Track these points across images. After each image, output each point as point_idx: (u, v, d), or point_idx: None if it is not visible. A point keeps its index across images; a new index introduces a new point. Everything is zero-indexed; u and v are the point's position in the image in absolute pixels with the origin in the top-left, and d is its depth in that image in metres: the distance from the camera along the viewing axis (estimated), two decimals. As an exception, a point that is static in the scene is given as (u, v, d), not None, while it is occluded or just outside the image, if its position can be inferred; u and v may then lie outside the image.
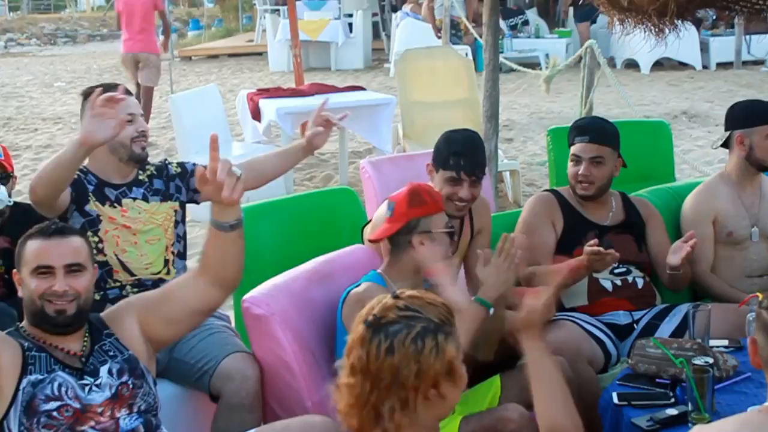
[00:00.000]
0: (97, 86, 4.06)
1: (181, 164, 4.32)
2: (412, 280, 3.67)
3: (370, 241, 3.89)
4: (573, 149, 4.47)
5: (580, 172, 4.42)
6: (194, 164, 4.23)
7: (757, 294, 3.48)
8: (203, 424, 3.74)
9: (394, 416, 2.24)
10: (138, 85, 11.51)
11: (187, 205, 4.30)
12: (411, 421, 2.26)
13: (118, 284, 4.01)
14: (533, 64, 16.42)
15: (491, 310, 3.47)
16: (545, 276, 4.27)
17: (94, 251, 3.91)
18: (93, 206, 4.01)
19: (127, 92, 4.10)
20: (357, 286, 3.66)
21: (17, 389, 2.97)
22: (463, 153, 4.15)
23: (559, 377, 2.76)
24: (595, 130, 4.47)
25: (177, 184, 4.23)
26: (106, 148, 3.98)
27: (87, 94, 4.01)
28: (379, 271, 3.75)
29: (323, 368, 3.73)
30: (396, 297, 2.31)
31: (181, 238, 4.23)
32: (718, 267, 4.67)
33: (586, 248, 4.10)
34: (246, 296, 3.75)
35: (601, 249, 4.07)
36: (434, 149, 4.24)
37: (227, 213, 3.04)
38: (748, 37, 17.55)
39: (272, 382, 3.73)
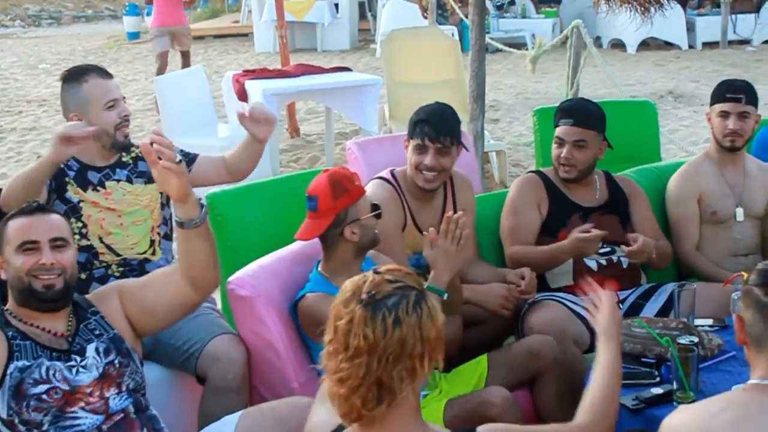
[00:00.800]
0: (77, 67, 4.06)
1: None
2: (350, 269, 3.65)
3: (298, 239, 3.81)
4: (557, 131, 4.46)
5: (562, 155, 4.42)
6: (181, 150, 4.22)
7: (742, 273, 3.50)
8: (190, 406, 3.74)
9: (403, 387, 2.25)
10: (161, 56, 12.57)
11: None
12: (414, 390, 2.28)
13: (104, 264, 4.01)
14: (519, 45, 16.41)
15: (445, 296, 3.43)
16: (530, 257, 4.31)
17: (78, 236, 3.91)
18: (73, 193, 3.99)
19: (107, 74, 4.09)
20: (303, 295, 3.66)
21: (4, 374, 2.97)
22: (428, 120, 4.19)
23: (619, 382, 2.81)
24: (580, 112, 4.46)
25: None
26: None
27: (65, 78, 4.01)
28: (319, 270, 3.74)
29: (309, 349, 3.74)
30: (378, 273, 2.33)
31: (168, 220, 4.22)
32: (703, 246, 4.69)
33: (575, 234, 4.12)
34: (231, 278, 3.75)
35: (588, 235, 4.10)
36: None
37: (183, 209, 3.06)
38: (734, 16, 17.55)
39: (258, 363, 3.73)
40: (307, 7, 18.25)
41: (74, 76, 4.07)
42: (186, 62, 12.88)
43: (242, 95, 9.04)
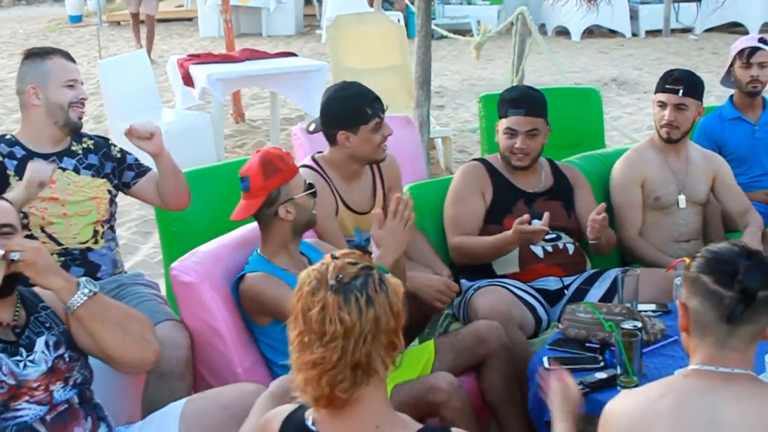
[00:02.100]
0: (44, 47, 4.06)
1: (122, 151, 4.20)
2: (288, 250, 3.68)
3: (233, 220, 3.78)
4: (507, 122, 4.46)
5: (516, 146, 4.43)
6: (136, 159, 4.18)
7: (684, 259, 3.53)
8: (133, 393, 3.70)
9: (383, 364, 2.29)
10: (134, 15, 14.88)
11: None
12: (380, 381, 2.32)
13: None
14: (465, 31, 16.44)
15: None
16: (475, 249, 4.33)
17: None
18: (16, 186, 3.92)
19: (71, 59, 4.06)
20: (242, 276, 3.64)
21: None
22: (377, 98, 4.23)
23: None
24: (528, 102, 4.48)
25: (114, 166, 4.15)
26: (44, 110, 3.95)
27: (29, 54, 4.00)
28: (259, 252, 3.72)
29: (253, 334, 3.72)
30: (336, 258, 2.34)
31: (114, 216, 4.17)
32: (646, 232, 4.73)
33: (517, 227, 4.13)
34: (174, 264, 3.73)
35: (528, 228, 4.11)
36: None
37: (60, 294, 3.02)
38: (676, 5, 17.71)
39: (202, 349, 3.71)
40: (253, -8, 18.12)
41: (39, 52, 4.05)
42: (150, 26, 14.85)
43: (187, 79, 8.98)
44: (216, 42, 16.35)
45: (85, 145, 4.10)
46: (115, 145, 4.20)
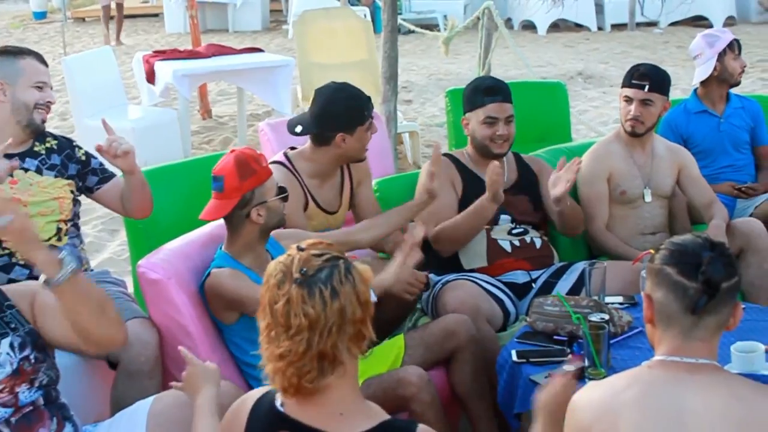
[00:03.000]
0: (18, 46, 4.04)
1: (87, 154, 4.17)
2: (255, 250, 3.67)
3: (202, 219, 3.74)
4: (486, 111, 4.46)
5: (498, 132, 4.46)
6: (100, 163, 4.14)
7: (650, 251, 3.55)
8: (102, 392, 3.69)
9: (351, 354, 2.33)
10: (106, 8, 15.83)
11: None
12: (345, 371, 2.35)
13: (7, 252, 3.90)
14: (432, 26, 16.46)
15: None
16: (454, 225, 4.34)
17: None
18: None
19: (44, 62, 4.03)
20: (209, 273, 3.62)
21: None
22: (368, 97, 4.32)
23: None
24: (502, 89, 4.52)
25: (78, 168, 4.12)
26: (9, 107, 3.93)
27: (3, 51, 3.98)
28: (224, 249, 3.70)
29: (221, 332, 3.72)
30: (302, 249, 2.37)
31: (77, 216, 4.14)
32: (613, 225, 4.75)
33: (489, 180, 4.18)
34: (141, 261, 3.71)
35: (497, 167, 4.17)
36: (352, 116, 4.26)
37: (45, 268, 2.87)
38: (641, -1, 17.85)
39: (171, 346, 3.69)
40: (219, -12, 18.06)
41: (14, 51, 4.04)
42: (120, 15, 16.16)
43: (152, 76, 8.94)
44: (182, 38, 16.29)
45: (48, 145, 4.07)
46: (80, 147, 4.16)
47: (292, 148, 4.41)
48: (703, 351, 2.40)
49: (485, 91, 4.50)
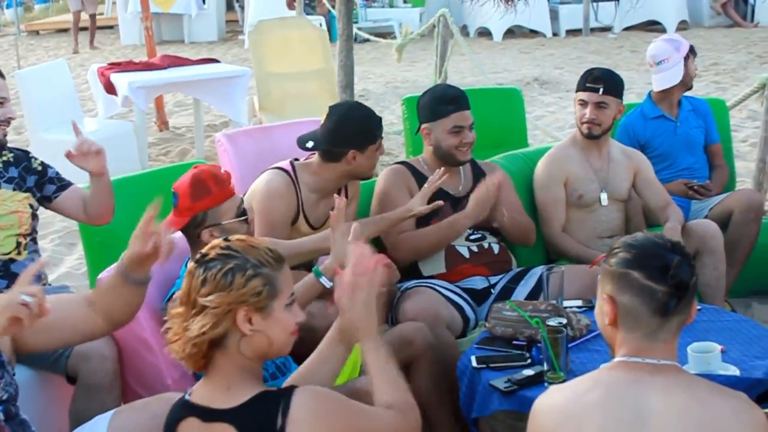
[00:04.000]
0: None
1: (43, 164, 4.14)
2: None
3: None
4: (452, 120, 4.47)
5: (466, 140, 4.49)
6: (57, 172, 4.12)
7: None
8: (60, 407, 3.66)
9: (206, 342, 2.48)
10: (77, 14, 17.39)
11: None
12: (226, 351, 2.50)
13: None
14: (387, 34, 16.50)
15: (330, 286, 3.41)
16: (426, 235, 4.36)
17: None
18: None
19: (1, 75, 4.00)
20: (174, 292, 3.58)
21: None
22: (380, 118, 4.35)
23: (391, 372, 2.76)
24: (464, 98, 4.55)
25: (35, 179, 4.09)
26: None
27: None
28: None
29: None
30: (225, 239, 2.57)
31: (35, 230, 4.11)
32: (570, 229, 4.79)
33: (472, 196, 4.28)
34: (102, 275, 3.68)
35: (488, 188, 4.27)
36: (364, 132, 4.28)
37: (141, 272, 2.98)
38: (595, 4, 17.99)
39: (131, 360, 3.68)
40: (173, -1, 18.00)
41: None
42: (93, 25, 17.93)
43: (110, 88, 8.89)
44: (138, 50, 16.22)
45: (5, 158, 4.05)
46: (35, 158, 4.15)
47: (296, 159, 4.39)
48: (665, 352, 2.42)
49: (450, 100, 4.52)
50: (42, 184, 4.09)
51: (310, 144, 4.33)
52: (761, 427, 2.34)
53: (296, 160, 4.38)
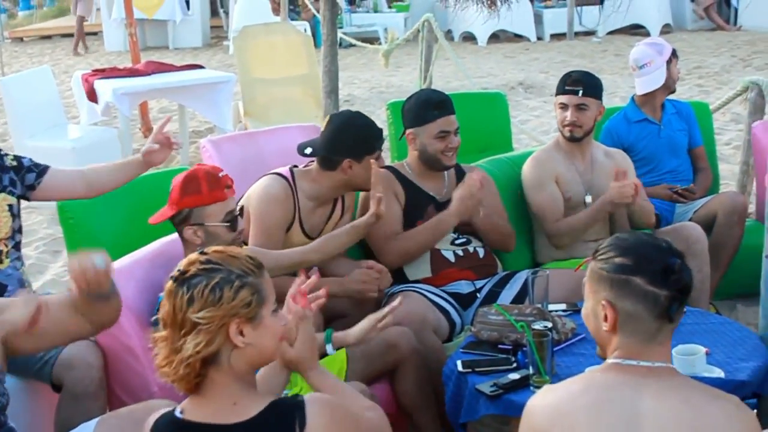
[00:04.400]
0: None
1: (17, 158, 4.12)
2: None
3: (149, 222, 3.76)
4: (439, 125, 4.46)
5: (451, 145, 4.49)
6: (30, 160, 4.09)
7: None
8: (46, 415, 3.65)
9: (199, 361, 2.39)
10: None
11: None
12: (220, 367, 2.42)
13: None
14: (373, 39, 16.51)
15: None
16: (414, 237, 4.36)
17: None
18: None
19: None
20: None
21: None
22: (381, 130, 4.30)
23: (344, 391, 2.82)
24: (450, 102, 4.55)
25: (11, 177, 4.05)
26: None
27: None
28: None
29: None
30: (202, 253, 2.48)
31: (18, 232, 4.07)
32: (557, 232, 4.79)
33: (455, 194, 4.30)
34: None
35: (472, 186, 4.28)
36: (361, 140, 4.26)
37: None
38: (579, 8, 18.04)
39: (117, 368, 3.67)
40: (158, 5, 17.96)
41: None
42: (79, 25, 18.37)
43: (92, 95, 8.87)
44: (122, 56, 16.19)
45: None
46: (7, 154, 4.08)
47: (296, 166, 4.38)
48: (661, 354, 2.42)
49: (435, 105, 4.52)
50: (22, 177, 4.04)
51: (308, 150, 4.32)
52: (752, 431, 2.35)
53: (295, 166, 4.37)
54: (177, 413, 2.45)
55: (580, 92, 4.74)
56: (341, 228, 4.19)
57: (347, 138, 4.22)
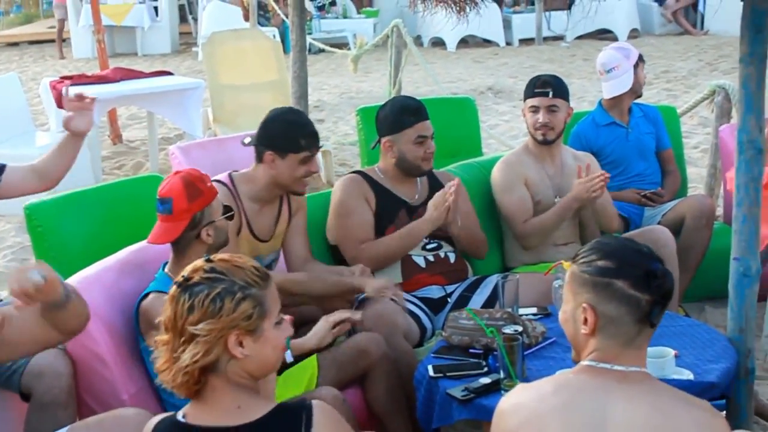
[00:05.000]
0: None
1: None
2: None
3: (152, 243, 3.72)
4: (417, 130, 4.47)
5: (429, 150, 4.51)
6: None
7: (561, 262, 3.60)
8: (15, 424, 3.62)
9: (197, 369, 2.37)
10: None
11: None
12: (219, 374, 2.40)
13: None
14: (342, 44, 16.51)
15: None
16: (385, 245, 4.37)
17: None
18: None
19: None
20: (146, 294, 3.59)
21: None
22: (315, 134, 4.27)
23: None
24: (425, 108, 4.57)
25: None
26: None
27: None
28: (166, 270, 3.67)
29: (137, 360, 3.67)
30: (208, 260, 2.45)
31: None
32: (526, 236, 4.80)
33: (432, 202, 4.31)
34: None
35: (447, 191, 4.30)
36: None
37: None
38: (548, 13, 18.11)
39: (86, 376, 3.64)
40: (126, 11, 17.87)
41: None
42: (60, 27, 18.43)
43: (60, 102, 8.81)
44: (90, 63, 16.10)
45: None
46: None
47: (236, 171, 4.37)
48: (636, 359, 2.43)
49: (413, 111, 4.53)
50: None
51: (246, 140, 4.36)
52: None
53: (236, 171, 4.37)
54: (179, 417, 2.43)
55: (551, 93, 4.77)
56: (335, 278, 4.25)
57: (272, 129, 4.22)
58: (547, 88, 4.78)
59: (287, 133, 4.18)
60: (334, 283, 4.22)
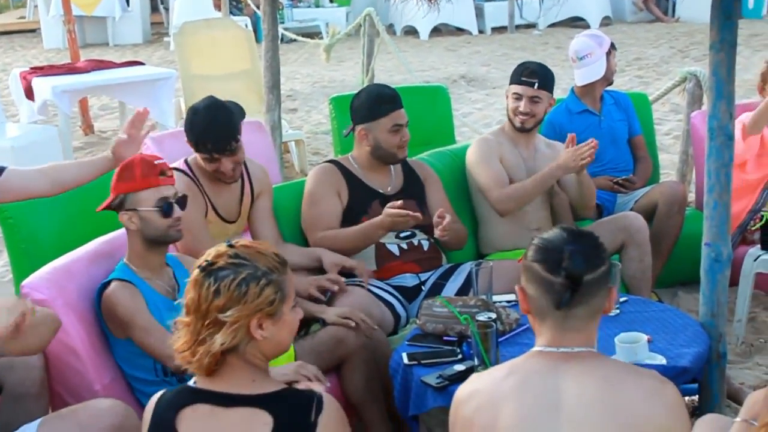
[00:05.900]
0: None
1: None
2: (149, 264, 3.68)
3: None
4: (392, 119, 4.48)
5: (404, 138, 4.52)
6: None
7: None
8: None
9: (222, 350, 2.45)
10: None
11: None
12: (239, 354, 2.48)
13: None
14: (314, 34, 16.47)
15: None
16: (340, 239, 4.36)
17: None
18: None
19: None
20: (107, 282, 3.59)
21: None
22: (218, 139, 4.21)
23: None
24: (399, 97, 4.58)
25: None
26: None
27: None
28: (125, 260, 3.68)
29: (109, 350, 3.66)
30: (230, 246, 2.52)
31: None
32: (498, 219, 4.80)
33: (388, 210, 4.20)
34: (25, 282, 3.62)
35: (405, 211, 4.18)
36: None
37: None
38: (520, 1, 18.11)
39: (58, 368, 3.62)
40: (97, 1, 17.72)
41: None
42: None
43: (30, 93, 8.76)
44: (61, 53, 15.98)
45: None
46: None
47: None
48: (579, 340, 2.48)
49: (388, 100, 4.53)
50: None
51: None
52: (672, 405, 2.42)
53: (190, 156, 4.37)
54: (191, 383, 2.52)
55: (536, 85, 4.78)
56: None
57: (189, 120, 4.27)
58: (534, 78, 4.79)
59: (193, 130, 4.24)
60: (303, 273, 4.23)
